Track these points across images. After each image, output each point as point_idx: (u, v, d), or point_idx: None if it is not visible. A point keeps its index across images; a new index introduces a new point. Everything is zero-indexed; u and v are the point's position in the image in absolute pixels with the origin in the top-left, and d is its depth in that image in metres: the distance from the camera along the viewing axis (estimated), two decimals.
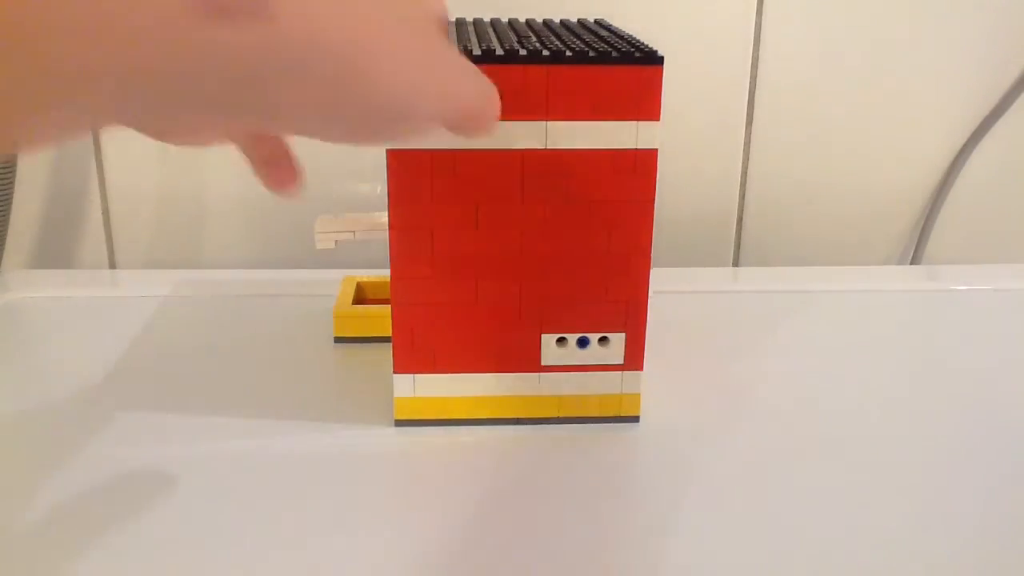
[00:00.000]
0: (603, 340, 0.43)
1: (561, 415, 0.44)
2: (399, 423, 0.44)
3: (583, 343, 0.43)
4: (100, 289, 0.62)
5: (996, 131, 0.69)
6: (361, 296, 0.55)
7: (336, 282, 0.55)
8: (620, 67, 0.39)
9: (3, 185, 0.60)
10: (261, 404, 0.46)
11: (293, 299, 0.58)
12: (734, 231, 0.71)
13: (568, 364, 0.43)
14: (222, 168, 0.67)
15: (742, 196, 0.70)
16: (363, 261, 0.57)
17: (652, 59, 0.39)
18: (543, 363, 0.43)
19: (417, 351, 0.43)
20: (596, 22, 0.48)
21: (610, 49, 0.40)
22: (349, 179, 0.67)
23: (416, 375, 0.43)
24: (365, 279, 0.56)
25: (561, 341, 0.43)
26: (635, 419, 0.45)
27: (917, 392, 0.48)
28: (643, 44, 0.41)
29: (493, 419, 0.44)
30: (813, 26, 0.66)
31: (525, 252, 0.41)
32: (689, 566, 0.35)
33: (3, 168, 0.60)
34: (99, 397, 0.47)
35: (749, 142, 0.69)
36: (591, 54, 0.39)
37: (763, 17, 0.66)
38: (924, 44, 0.67)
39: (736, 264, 0.72)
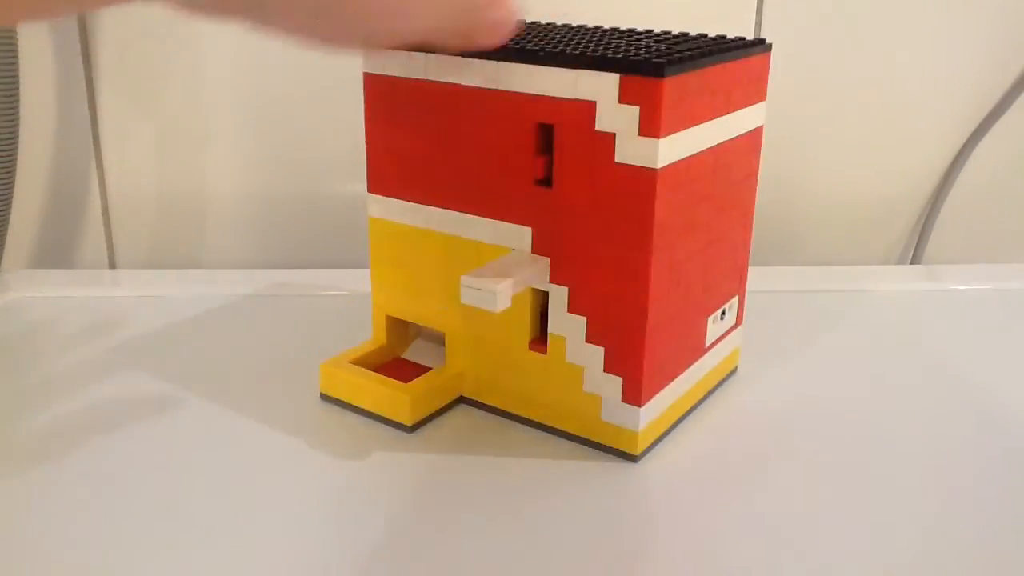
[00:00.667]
0: (729, 308, 0.46)
1: (711, 388, 0.47)
2: (637, 457, 0.42)
3: (723, 315, 0.46)
4: (100, 289, 0.61)
5: (996, 131, 0.69)
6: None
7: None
8: (750, 59, 0.42)
9: (3, 185, 0.60)
10: (270, 409, 0.46)
11: (294, 299, 0.58)
12: None
13: (715, 339, 0.46)
14: (222, 168, 0.67)
15: None
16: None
17: (764, 47, 0.43)
18: (706, 344, 0.45)
19: (655, 376, 0.41)
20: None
21: (726, 44, 0.42)
22: (350, 180, 0.67)
23: (651, 401, 0.41)
24: (352, 356, 0.46)
25: (712, 319, 0.45)
26: (734, 371, 0.49)
27: (916, 392, 0.48)
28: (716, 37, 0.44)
29: (680, 417, 0.45)
30: (812, 26, 0.66)
31: (704, 245, 0.42)
32: None
33: (3, 168, 0.60)
34: (98, 397, 0.47)
35: None
36: (724, 52, 0.41)
37: (763, 16, 0.66)
38: (924, 44, 0.67)
39: None
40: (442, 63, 0.40)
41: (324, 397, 0.46)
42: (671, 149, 0.37)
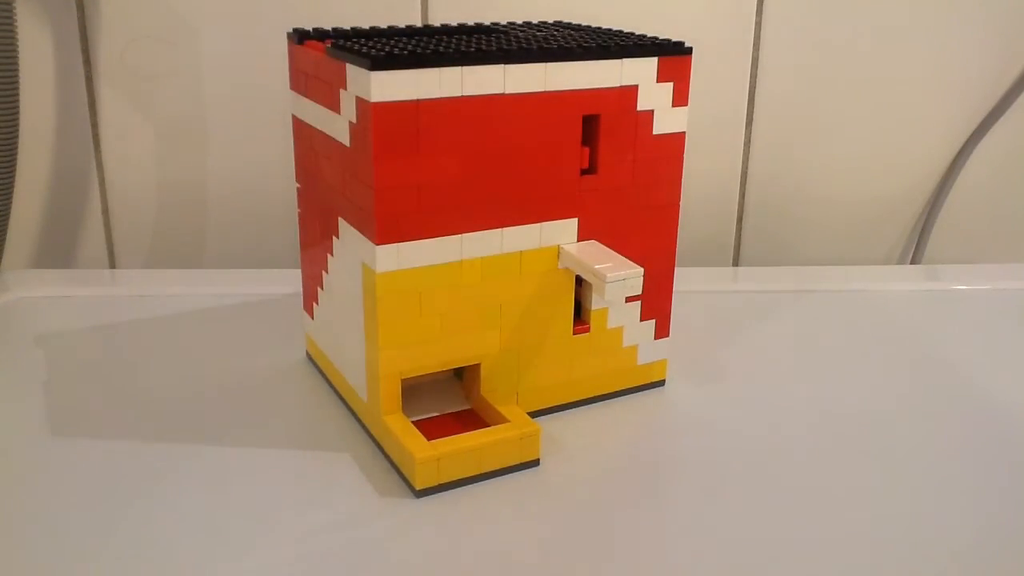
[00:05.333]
0: None
1: None
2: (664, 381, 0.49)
3: None
4: (100, 289, 0.62)
5: (996, 131, 0.69)
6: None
7: None
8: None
9: (3, 184, 0.61)
10: (270, 409, 0.46)
11: (294, 299, 0.58)
12: (734, 231, 0.71)
13: None
14: (223, 168, 0.67)
15: (742, 196, 0.70)
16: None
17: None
18: None
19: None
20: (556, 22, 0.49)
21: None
22: None
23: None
24: (421, 443, 0.40)
25: None
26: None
27: (916, 392, 0.48)
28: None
29: None
30: (813, 26, 0.66)
31: None
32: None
33: (3, 168, 0.60)
34: (98, 397, 0.47)
35: (749, 142, 0.69)
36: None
37: (763, 16, 0.66)
38: (924, 44, 0.67)
39: (736, 264, 0.72)
40: (481, 76, 0.39)
41: (424, 491, 0.39)
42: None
